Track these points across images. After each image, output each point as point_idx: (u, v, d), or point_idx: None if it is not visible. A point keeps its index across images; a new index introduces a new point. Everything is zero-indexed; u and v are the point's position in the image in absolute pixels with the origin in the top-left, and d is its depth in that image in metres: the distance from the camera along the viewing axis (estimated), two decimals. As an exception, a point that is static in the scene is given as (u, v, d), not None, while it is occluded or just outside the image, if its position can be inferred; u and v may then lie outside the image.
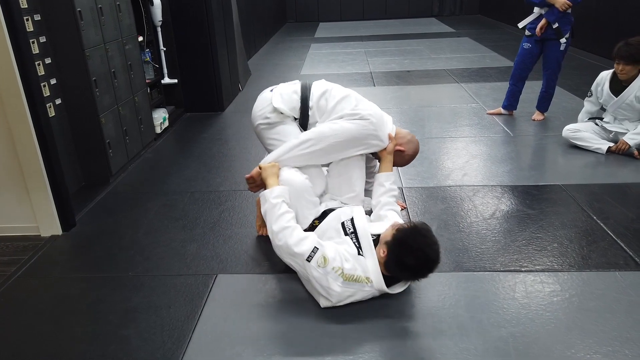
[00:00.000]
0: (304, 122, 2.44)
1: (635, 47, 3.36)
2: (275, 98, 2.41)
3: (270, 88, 2.53)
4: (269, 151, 2.46)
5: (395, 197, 2.42)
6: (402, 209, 2.86)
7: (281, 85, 2.53)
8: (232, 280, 2.30)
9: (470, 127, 4.29)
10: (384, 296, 2.08)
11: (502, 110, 4.57)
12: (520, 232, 2.59)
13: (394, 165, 2.51)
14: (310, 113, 2.42)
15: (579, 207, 2.83)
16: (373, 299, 2.06)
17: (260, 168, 2.32)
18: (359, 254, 2.02)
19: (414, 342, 1.85)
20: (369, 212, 2.44)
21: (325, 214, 2.29)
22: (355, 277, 1.96)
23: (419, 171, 3.41)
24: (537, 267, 2.28)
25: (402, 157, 2.53)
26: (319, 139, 2.31)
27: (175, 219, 2.90)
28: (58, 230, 2.75)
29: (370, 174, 2.64)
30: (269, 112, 2.41)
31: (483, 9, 12.87)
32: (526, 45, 4.28)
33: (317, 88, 2.46)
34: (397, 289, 2.04)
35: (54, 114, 3.03)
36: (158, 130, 4.30)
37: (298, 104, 2.42)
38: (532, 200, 2.93)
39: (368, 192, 2.61)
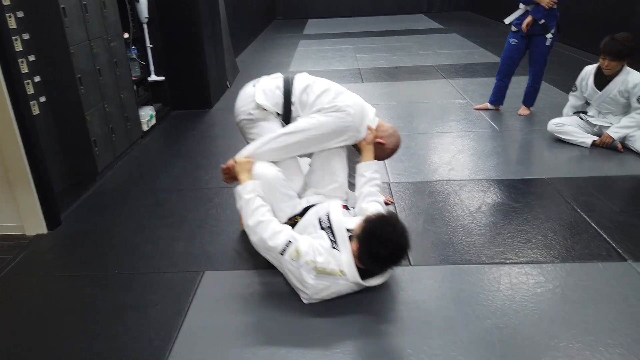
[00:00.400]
0: (286, 117, 2.44)
1: (621, 43, 3.39)
2: (259, 94, 2.41)
3: (252, 82, 2.52)
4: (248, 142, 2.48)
5: (379, 187, 2.39)
6: (389, 204, 2.88)
7: (263, 79, 2.52)
8: (219, 277, 2.30)
9: (458, 123, 4.32)
10: (368, 290, 2.09)
11: (489, 106, 4.61)
12: (505, 225, 2.62)
13: (375, 159, 2.50)
14: (292, 108, 2.42)
15: (564, 200, 2.86)
16: (358, 293, 2.07)
17: (235, 162, 2.33)
18: (333, 247, 2.02)
19: (400, 335, 1.87)
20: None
21: (307, 210, 2.30)
22: (328, 270, 1.97)
23: (406, 166, 3.43)
24: (522, 259, 2.31)
25: (382, 151, 2.52)
26: (295, 132, 2.33)
27: (162, 216, 2.89)
28: (43, 229, 2.73)
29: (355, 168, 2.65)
30: (252, 108, 2.41)
31: (471, 5, 12.92)
32: (512, 41, 4.31)
33: (300, 82, 2.46)
34: (374, 281, 2.04)
35: (38, 112, 3.00)
36: (145, 127, 4.27)
37: (281, 100, 2.42)
38: (517, 194, 2.96)
39: (354, 186, 2.61)
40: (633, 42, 3.40)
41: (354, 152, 2.58)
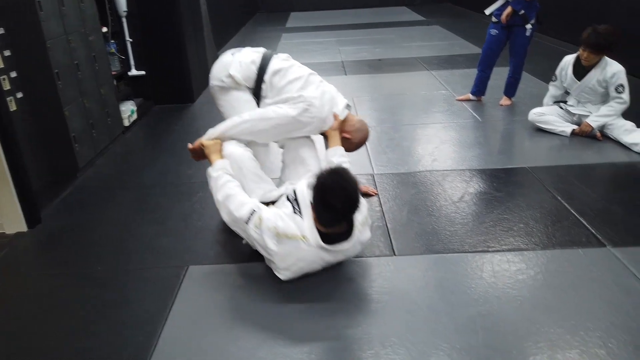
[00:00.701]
0: (256, 92, 2.49)
1: (603, 36, 3.41)
2: (234, 65, 2.47)
3: (232, 51, 2.57)
4: (220, 112, 2.56)
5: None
6: (373, 195, 2.89)
7: (244, 50, 2.57)
8: (203, 271, 2.29)
9: (441, 114, 4.35)
10: (353, 280, 2.11)
11: (471, 97, 4.64)
12: (487, 214, 2.65)
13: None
14: (263, 86, 2.47)
15: (545, 188, 2.90)
16: (343, 282, 2.08)
17: (203, 145, 2.38)
18: (295, 213, 2.05)
19: (385, 324, 1.88)
20: None
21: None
22: (289, 234, 1.99)
23: (390, 158, 3.45)
24: (504, 247, 2.34)
25: (349, 144, 2.54)
26: (261, 120, 2.37)
27: (146, 212, 2.87)
28: (23, 227, 2.69)
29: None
30: (224, 76, 2.47)
31: (453, -3, 12.97)
32: (493, 31, 4.34)
33: (275, 63, 2.48)
34: (339, 247, 2.04)
35: (15, 108, 2.94)
36: (126, 123, 4.22)
37: (254, 75, 2.47)
38: (499, 183, 2.99)
39: None
40: (613, 36, 3.42)
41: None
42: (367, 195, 2.88)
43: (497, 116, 4.23)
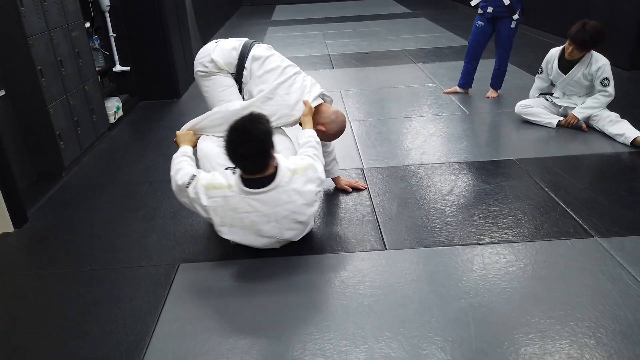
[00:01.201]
0: (238, 79, 2.54)
1: (589, 34, 3.42)
2: (216, 51, 2.52)
3: (216, 40, 2.63)
4: (204, 98, 2.61)
5: (314, 147, 2.35)
6: (363, 189, 2.90)
7: (229, 39, 2.62)
8: (194, 269, 2.27)
9: (428, 107, 4.36)
10: (344, 274, 2.11)
11: (458, 89, 4.66)
12: (477, 206, 2.67)
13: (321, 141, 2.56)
14: (244, 72, 2.52)
15: (532, 179, 2.93)
16: (336, 275, 2.09)
17: (176, 135, 2.50)
18: (226, 169, 2.17)
19: (378, 318, 1.89)
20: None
21: None
22: (215, 184, 2.10)
23: (379, 151, 3.45)
24: (494, 239, 2.36)
25: (323, 135, 2.55)
26: (232, 115, 2.35)
27: (134, 209, 2.84)
28: (9, 227, 2.65)
29: (325, 154, 2.67)
30: (207, 61, 2.52)
31: (438, -11, 12.96)
32: (479, 23, 4.35)
33: (256, 51, 2.53)
34: (264, 191, 2.07)
35: (-3, 106, 2.89)
36: (112, 119, 4.16)
37: (235, 61, 2.52)
38: (488, 176, 3.02)
39: (328, 173, 2.72)
40: (600, 35, 3.43)
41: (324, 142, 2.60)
42: (357, 189, 2.89)
43: (484, 108, 4.26)
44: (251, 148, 2.01)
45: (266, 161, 2.06)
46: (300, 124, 2.55)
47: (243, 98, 2.54)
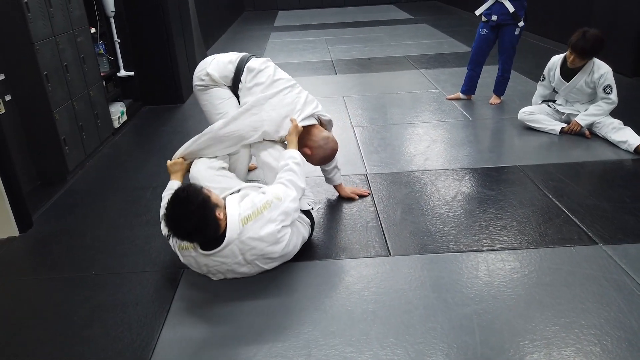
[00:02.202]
0: (235, 91, 2.55)
1: (590, 43, 3.42)
2: (212, 64, 2.54)
3: (213, 55, 2.64)
4: (204, 112, 2.64)
5: (292, 171, 2.29)
6: (365, 195, 2.89)
7: (227, 54, 2.63)
8: (199, 274, 2.27)
9: (431, 113, 4.37)
10: (350, 279, 2.12)
11: (461, 95, 4.67)
12: (481, 213, 2.67)
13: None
14: (240, 85, 2.51)
15: (535, 186, 2.94)
16: (340, 281, 2.10)
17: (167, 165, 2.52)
18: None
19: (382, 324, 1.89)
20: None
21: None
22: (182, 245, 2.11)
23: (382, 157, 3.46)
24: (498, 246, 2.36)
25: (309, 159, 2.51)
26: (215, 133, 2.41)
27: (138, 215, 2.85)
28: (14, 232, 2.65)
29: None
30: (203, 75, 2.54)
31: (440, -5, 13.04)
32: (482, 31, 4.37)
33: (252, 63, 2.52)
34: (217, 252, 2.03)
35: (4, 111, 2.90)
36: (116, 124, 4.18)
37: (231, 74, 2.53)
38: (491, 182, 3.02)
39: (329, 180, 2.81)
40: (601, 43, 3.44)
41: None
42: (361, 196, 2.88)
43: (487, 115, 4.27)
44: (189, 228, 1.95)
45: (210, 230, 1.99)
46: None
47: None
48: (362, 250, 2.38)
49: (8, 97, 2.98)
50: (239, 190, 2.32)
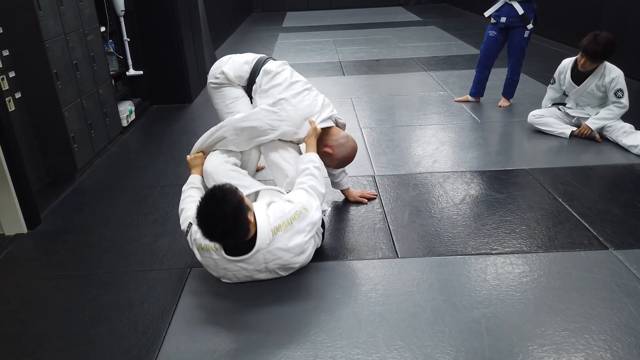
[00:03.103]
0: (249, 92, 2.54)
1: (601, 46, 3.39)
2: (228, 64, 2.53)
3: (230, 55, 2.64)
4: (216, 110, 2.62)
5: (312, 176, 2.28)
6: (374, 198, 2.88)
7: (245, 54, 2.62)
8: (206, 273, 2.26)
9: (439, 115, 4.35)
10: (358, 280, 2.11)
11: (470, 98, 4.65)
12: (489, 215, 2.65)
13: (327, 166, 2.55)
14: (254, 87, 2.50)
15: (545, 190, 2.91)
16: (348, 282, 2.09)
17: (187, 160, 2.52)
18: None
19: (390, 327, 1.88)
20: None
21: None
22: (203, 246, 2.07)
23: (390, 159, 3.44)
24: (507, 249, 2.34)
25: (330, 159, 2.50)
26: (231, 126, 2.40)
27: (145, 213, 2.85)
28: (23, 229, 2.66)
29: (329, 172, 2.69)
30: (218, 73, 2.53)
31: (448, -3, 13.01)
32: (491, 33, 4.35)
33: (269, 66, 2.50)
34: (245, 258, 2.02)
35: (13, 109, 2.92)
36: (124, 123, 4.19)
37: (246, 75, 2.52)
38: (500, 185, 3.00)
39: (336, 185, 2.81)
40: (612, 46, 3.40)
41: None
42: (369, 199, 2.86)
43: (496, 117, 4.24)
44: (223, 230, 1.89)
45: (242, 233, 1.95)
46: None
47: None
48: (370, 252, 2.37)
49: (18, 95, 3.00)
50: (257, 192, 2.31)
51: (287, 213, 2.05)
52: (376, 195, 2.91)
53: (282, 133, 2.41)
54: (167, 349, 1.83)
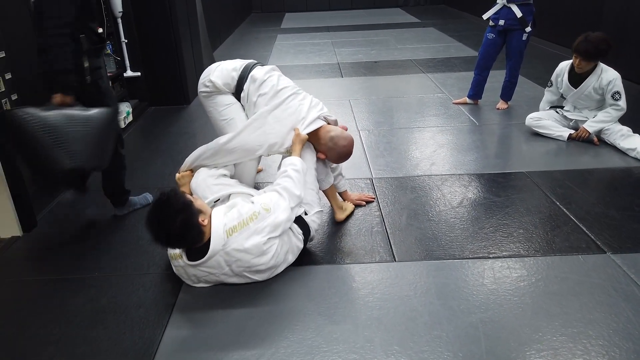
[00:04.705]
0: (238, 99, 2.53)
1: (593, 44, 3.41)
2: (216, 71, 2.52)
3: (219, 62, 2.62)
4: (210, 118, 2.62)
5: (289, 177, 2.25)
6: (372, 200, 2.88)
7: (233, 60, 2.60)
8: (203, 277, 2.26)
9: (437, 117, 4.35)
10: (355, 284, 2.10)
11: (468, 100, 4.65)
12: (487, 219, 2.65)
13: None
14: (242, 95, 2.49)
15: (543, 193, 2.91)
16: (345, 286, 2.08)
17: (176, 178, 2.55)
18: None
19: (387, 331, 1.87)
20: None
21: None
22: (171, 255, 2.14)
23: (388, 161, 3.44)
24: (504, 253, 2.34)
25: (329, 160, 2.49)
26: (221, 147, 2.41)
27: (142, 216, 2.82)
28: (18, 231, 2.65)
29: (330, 168, 2.66)
30: (207, 81, 2.52)
31: (447, -1, 13.03)
32: (490, 35, 4.35)
33: (255, 73, 2.48)
34: (203, 261, 2.03)
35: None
36: (122, 124, 4.17)
37: (234, 82, 2.50)
38: (498, 188, 3.00)
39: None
40: (605, 44, 3.42)
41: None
42: (367, 201, 2.86)
43: (494, 120, 4.24)
44: (167, 233, 1.94)
45: (191, 236, 1.98)
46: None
47: (247, 117, 2.51)
48: (367, 256, 2.36)
49: (14, 97, 2.98)
50: (228, 197, 2.32)
51: (244, 214, 2.05)
52: (374, 198, 2.91)
53: (269, 146, 2.40)
54: (163, 352, 1.82)
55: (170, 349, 1.84)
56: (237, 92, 2.50)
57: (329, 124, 2.54)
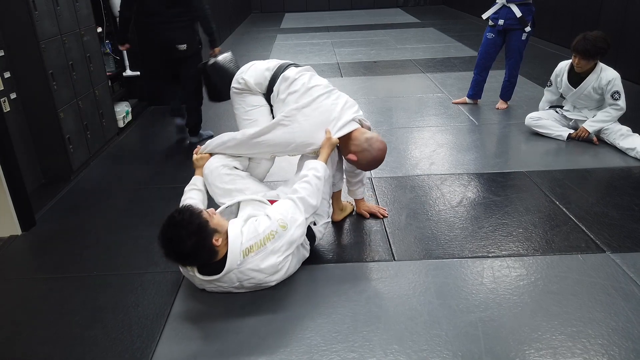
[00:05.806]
0: (268, 99, 2.48)
1: (591, 42, 3.41)
2: (249, 70, 2.48)
3: (253, 61, 2.55)
4: (235, 114, 2.54)
5: (308, 184, 2.17)
6: (385, 217, 2.72)
7: (268, 60, 2.54)
8: (201, 276, 2.26)
9: (437, 117, 4.35)
10: (354, 283, 2.10)
11: (467, 100, 4.64)
12: (486, 218, 2.64)
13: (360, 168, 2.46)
14: (272, 95, 2.43)
15: (542, 192, 2.91)
16: (344, 285, 2.08)
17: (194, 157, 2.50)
18: None
19: (386, 331, 1.86)
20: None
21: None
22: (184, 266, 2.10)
23: (387, 161, 3.39)
24: (504, 252, 2.33)
25: (357, 164, 2.35)
26: (246, 139, 2.35)
27: (141, 215, 2.83)
28: (17, 230, 2.65)
29: (352, 174, 2.61)
30: (240, 79, 2.47)
31: (447, -1, 13.03)
32: (489, 35, 4.34)
33: (287, 72, 2.41)
34: (216, 277, 2.00)
35: (9, 109, 2.90)
36: (121, 124, 4.18)
37: (266, 82, 2.43)
38: (497, 187, 2.99)
39: (351, 193, 2.73)
40: (604, 42, 3.42)
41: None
42: (375, 216, 2.72)
43: (494, 119, 4.24)
44: (179, 254, 1.92)
45: (203, 257, 1.96)
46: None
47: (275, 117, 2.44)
48: (366, 255, 2.36)
49: (13, 95, 2.98)
50: (238, 205, 2.27)
51: (261, 233, 1.98)
52: (387, 215, 2.71)
53: (296, 145, 2.31)
54: (161, 352, 1.82)
55: (168, 348, 1.84)
56: (268, 93, 2.43)
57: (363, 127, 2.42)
